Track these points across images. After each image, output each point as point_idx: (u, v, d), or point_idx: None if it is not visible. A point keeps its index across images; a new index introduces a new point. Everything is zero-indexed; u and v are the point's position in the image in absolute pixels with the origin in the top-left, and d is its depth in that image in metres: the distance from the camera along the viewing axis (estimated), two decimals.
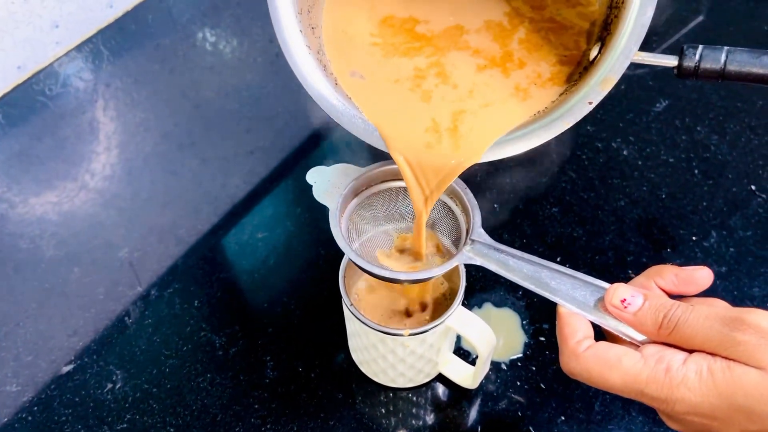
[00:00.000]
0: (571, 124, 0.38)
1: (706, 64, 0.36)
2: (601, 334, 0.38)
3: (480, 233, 0.43)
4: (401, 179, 0.46)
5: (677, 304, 0.35)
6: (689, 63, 0.37)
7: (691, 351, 0.34)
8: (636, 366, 0.34)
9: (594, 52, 0.40)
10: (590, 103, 0.38)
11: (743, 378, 0.32)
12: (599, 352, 0.36)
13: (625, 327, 0.37)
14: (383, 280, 0.43)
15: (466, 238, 0.44)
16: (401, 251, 0.49)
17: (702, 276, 0.37)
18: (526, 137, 0.39)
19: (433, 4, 0.44)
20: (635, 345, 0.36)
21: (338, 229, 0.43)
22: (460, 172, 0.40)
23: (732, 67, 0.36)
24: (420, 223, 0.43)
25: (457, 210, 0.46)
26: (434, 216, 0.48)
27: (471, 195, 0.45)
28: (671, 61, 0.37)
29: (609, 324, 0.37)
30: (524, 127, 0.39)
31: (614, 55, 0.37)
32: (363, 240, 0.48)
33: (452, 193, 0.46)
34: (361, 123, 0.40)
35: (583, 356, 0.36)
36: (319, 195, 0.45)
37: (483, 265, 0.41)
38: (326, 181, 0.46)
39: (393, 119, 0.41)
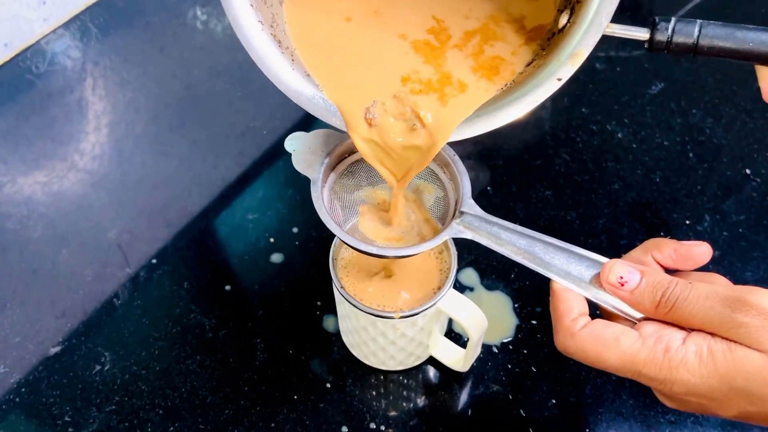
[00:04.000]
0: (539, 101, 0.36)
1: (679, 39, 0.35)
2: (596, 309, 0.38)
3: (470, 204, 0.41)
4: None
5: (675, 282, 0.34)
6: (661, 37, 0.35)
7: (690, 329, 0.34)
8: (634, 346, 0.33)
9: (563, 20, 0.38)
10: (559, 79, 0.36)
11: (745, 361, 0.31)
12: (596, 331, 0.35)
13: (621, 304, 0.36)
14: (369, 255, 0.41)
15: (455, 210, 0.42)
16: (382, 209, 0.47)
17: (701, 252, 0.36)
18: (493, 115, 0.37)
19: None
20: (632, 322, 0.36)
21: (321, 201, 0.41)
22: (431, 159, 0.39)
23: (705, 42, 0.35)
24: (395, 202, 0.42)
25: (446, 178, 0.44)
26: (420, 184, 0.46)
27: (460, 163, 0.43)
28: (642, 34, 0.36)
29: (605, 301, 0.36)
30: (492, 103, 0.37)
31: (583, 27, 0.35)
32: (346, 210, 0.46)
33: (440, 161, 0.44)
34: (322, 102, 0.38)
35: (579, 335, 0.35)
36: (299, 164, 0.43)
37: (474, 239, 0.40)
38: (306, 149, 0.43)
39: (356, 100, 0.39)
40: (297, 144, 0.43)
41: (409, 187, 0.46)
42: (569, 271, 0.37)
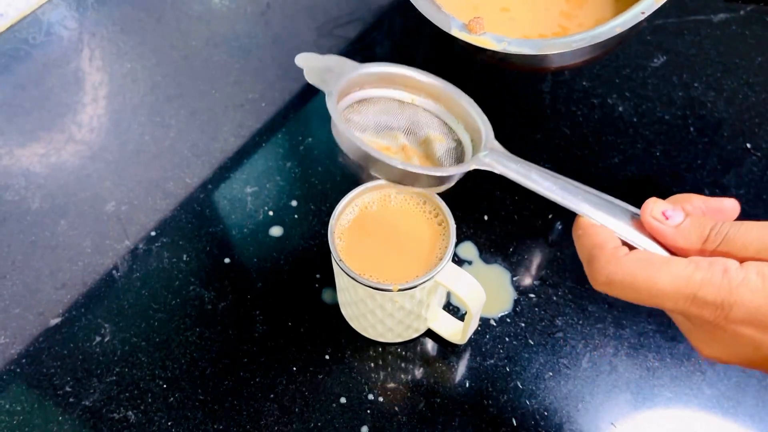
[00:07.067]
0: (623, 30, 0.46)
1: None
2: None
3: (496, 145, 0.40)
4: (398, 88, 0.44)
5: (722, 220, 0.33)
6: None
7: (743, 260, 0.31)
8: (688, 268, 0.31)
9: None
10: (643, 13, 0.45)
11: None
12: (643, 256, 0.32)
13: (655, 246, 0.34)
14: (393, 168, 0.40)
15: (481, 146, 0.40)
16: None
17: (730, 207, 0.35)
18: (588, 38, 0.47)
19: None
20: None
21: (337, 115, 0.39)
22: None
23: None
24: None
25: (461, 130, 0.43)
26: (431, 134, 0.45)
27: (477, 107, 0.42)
28: None
29: (640, 242, 0.35)
30: (587, 30, 0.47)
31: None
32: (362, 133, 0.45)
33: (456, 113, 0.43)
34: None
35: (625, 259, 0.32)
36: (312, 77, 0.41)
37: (503, 174, 0.38)
38: (320, 67, 0.42)
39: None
40: (309, 62, 0.42)
41: (414, 142, 0.45)
42: (600, 212, 0.36)
